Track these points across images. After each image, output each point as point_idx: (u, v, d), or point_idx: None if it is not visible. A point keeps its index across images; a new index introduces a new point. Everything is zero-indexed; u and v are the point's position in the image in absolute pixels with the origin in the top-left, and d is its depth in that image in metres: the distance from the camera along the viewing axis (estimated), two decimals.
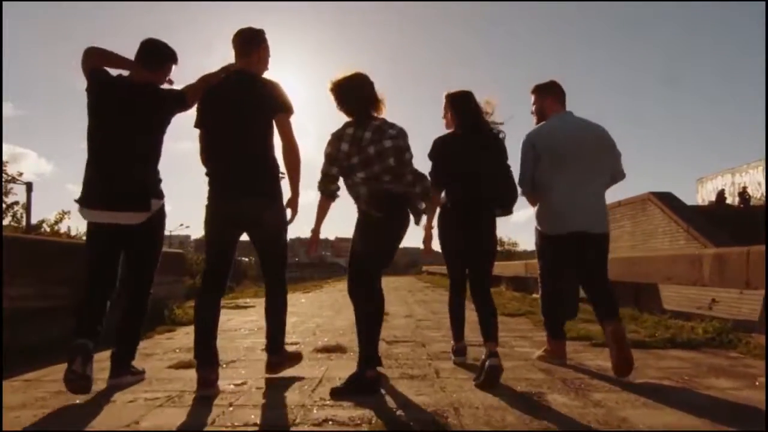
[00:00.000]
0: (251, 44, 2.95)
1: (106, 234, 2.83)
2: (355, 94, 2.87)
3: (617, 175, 3.42)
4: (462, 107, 3.28)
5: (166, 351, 3.96)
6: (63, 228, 18.52)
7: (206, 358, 2.68)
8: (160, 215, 2.95)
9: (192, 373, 2.72)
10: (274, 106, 2.88)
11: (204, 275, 2.87)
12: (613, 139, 3.38)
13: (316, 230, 2.96)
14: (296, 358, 3.21)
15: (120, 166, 2.81)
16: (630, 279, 6.62)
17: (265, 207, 2.84)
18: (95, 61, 2.90)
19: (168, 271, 6.19)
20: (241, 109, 2.84)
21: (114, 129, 2.82)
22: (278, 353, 3.01)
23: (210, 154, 2.89)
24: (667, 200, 16.20)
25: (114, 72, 2.93)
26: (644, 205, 17.10)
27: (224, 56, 3.03)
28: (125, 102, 2.83)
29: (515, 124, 3.43)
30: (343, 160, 2.77)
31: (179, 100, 2.96)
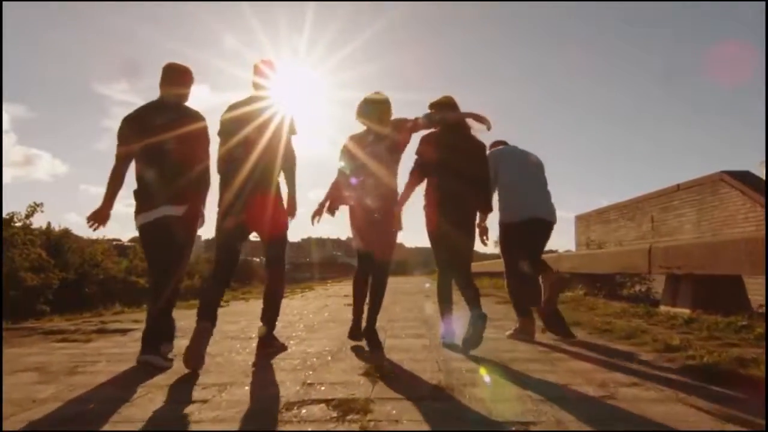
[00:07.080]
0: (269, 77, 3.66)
1: (146, 233, 3.33)
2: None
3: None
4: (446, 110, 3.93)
5: None
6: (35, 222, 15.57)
7: (207, 313, 3.18)
8: (189, 216, 3.35)
9: None
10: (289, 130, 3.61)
11: (216, 266, 3.41)
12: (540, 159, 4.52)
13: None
14: (282, 347, 3.71)
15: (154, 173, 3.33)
16: None
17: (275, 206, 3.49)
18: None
19: None
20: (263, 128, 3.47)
21: (152, 144, 3.33)
22: (271, 331, 3.61)
23: (229, 162, 3.42)
24: (748, 180, 12.82)
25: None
26: (714, 187, 13.68)
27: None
28: (156, 121, 3.38)
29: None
30: None
31: (201, 137, 3.48)
